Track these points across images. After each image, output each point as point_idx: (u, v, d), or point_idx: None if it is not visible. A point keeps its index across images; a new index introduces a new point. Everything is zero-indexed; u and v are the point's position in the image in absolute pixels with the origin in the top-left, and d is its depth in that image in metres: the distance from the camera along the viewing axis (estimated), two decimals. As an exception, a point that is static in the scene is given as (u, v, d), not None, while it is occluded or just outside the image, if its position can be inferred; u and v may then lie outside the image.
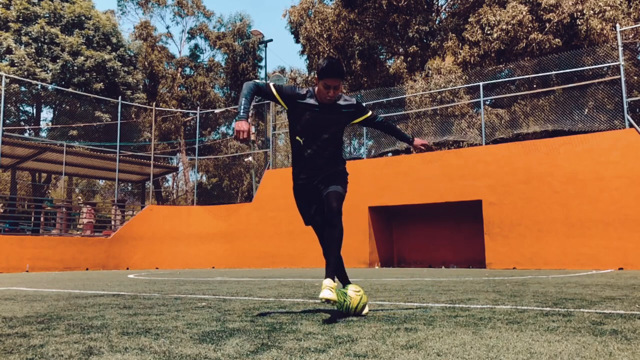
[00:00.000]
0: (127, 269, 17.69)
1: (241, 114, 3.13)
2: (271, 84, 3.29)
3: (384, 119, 3.63)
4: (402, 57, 23.56)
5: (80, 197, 35.42)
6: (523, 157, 13.54)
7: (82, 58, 25.01)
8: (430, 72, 19.78)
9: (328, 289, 2.97)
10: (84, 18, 26.48)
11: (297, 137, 3.33)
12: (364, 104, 3.45)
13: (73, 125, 25.42)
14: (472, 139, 16.11)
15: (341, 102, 3.35)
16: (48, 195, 29.17)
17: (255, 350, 2.13)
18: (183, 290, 5.91)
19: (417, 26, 21.79)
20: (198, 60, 39.54)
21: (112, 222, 21.37)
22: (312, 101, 3.27)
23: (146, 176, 23.42)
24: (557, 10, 18.53)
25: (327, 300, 2.94)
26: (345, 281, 3.50)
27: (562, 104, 14.70)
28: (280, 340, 2.34)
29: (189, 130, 35.68)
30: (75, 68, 24.91)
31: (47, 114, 50.19)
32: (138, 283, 7.80)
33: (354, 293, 3.21)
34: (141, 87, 30.69)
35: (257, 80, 3.22)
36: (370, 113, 3.52)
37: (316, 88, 3.28)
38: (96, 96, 22.66)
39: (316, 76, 3.24)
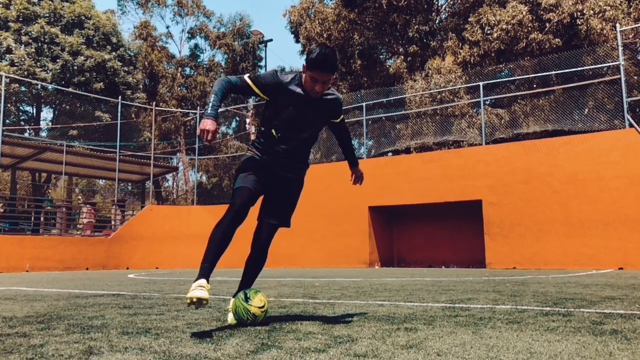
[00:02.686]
0: (127, 268, 17.69)
1: (208, 111, 2.69)
2: (246, 77, 2.84)
3: (348, 130, 3.24)
4: (402, 57, 23.56)
5: (80, 197, 35.42)
6: (523, 157, 13.54)
7: (82, 58, 25.01)
8: (430, 72, 19.78)
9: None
10: (84, 18, 26.47)
11: (273, 131, 2.91)
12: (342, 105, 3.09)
13: (73, 125, 25.42)
14: (472, 139, 16.11)
15: (328, 95, 2.95)
16: (48, 195, 29.17)
17: (255, 350, 2.13)
18: (183, 290, 5.91)
19: (417, 26, 21.79)
20: (198, 60, 39.55)
21: (112, 222, 21.37)
22: (298, 90, 2.83)
23: (146, 176, 23.42)
24: (557, 10, 18.52)
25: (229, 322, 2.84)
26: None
27: (562, 104, 14.70)
28: (280, 340, 2.34)
29: (189, 130, 35.67)
30: (75, 68, 24.90)
31: (47, 113, 50.23)
32: (138, 283, 7.80)
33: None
34: (141, 87, 30.68)
35: (230, 77, 2.89)
36: (342, 117, 3.13)
37: (303, 76, 2.84)
38: (96, 96, 22.66)
39: (304, 63, 2.79)
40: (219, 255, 2.79)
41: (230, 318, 2.92)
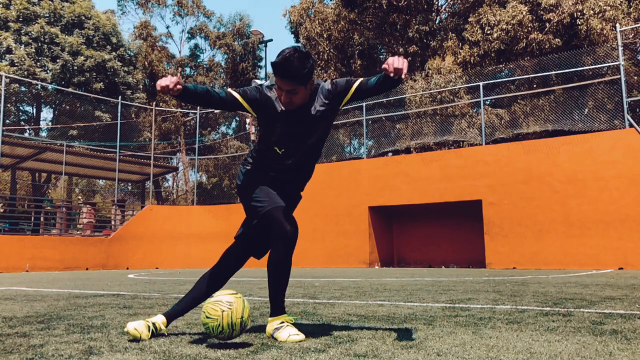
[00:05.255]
0: (127, 268, 17.68)
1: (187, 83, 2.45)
2: (231, 89, 2.53)
3: (376, 80, 2.52)
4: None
5: (80, 197, 35.44)
6: (523, 157, 13.54)
7: (82, 58, 25.01)
8: (430, 72, 19.78)
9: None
10: (84, 18, 26.47)
11: (275, 148, 2.57)
12: (345, 80, 2.57)
13: (73, 125, 25.42)
14: (472, 139, 16.10)
15: (315, 98, 2.52)
16: (48, 195, 29.17)
17: (255, 350, 2.13)
18: (183, 290, 5.91)
19: (417, 26, 21.79)
20: (198, 60, 39.56)
21: (112, 222, 21.37)
22: (279, 106, 2.49)
23: (146, 176, 23.42)
24: (557, 10, 18.53)
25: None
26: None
27: (562, 104, 14.69)
28: (280, 340, 2.34)
29: (189, 130, 35.67)
30: (75, 68, 24.90)
31: (47, 114, 50.19)
32: (138, 283, 7.80)
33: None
34: (141, 87, 30.68)
35: (215, 89, 2.48)
36: (357, 83, 2.53)
37: None
38: (96, 96, 22.66)
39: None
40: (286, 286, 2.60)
41: (138, 329, 2.41)
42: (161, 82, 2.25)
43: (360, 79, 2.56)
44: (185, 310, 2.64)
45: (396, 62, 2.26)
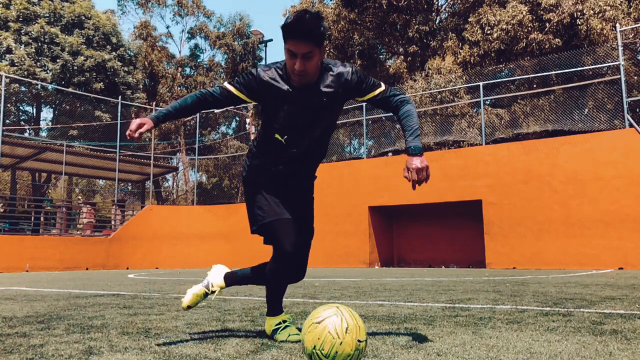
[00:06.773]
0: (127, 268, 17.69)
1: (151, 114, 2.34)
2: (226, 84, 2.35)
3: (400, 101, 2.37)
4: (402, 57, 23.54)
5: (80, 197, 35.46)
6: (523, 157, 13.54)
7: (82, 58, 25.01)
8: (430, 72, 19.77)
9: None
10: (84, 18, 26.48)
11: (277, 135, 2.38)
12: (369, 78, 2.36)
13: (73, 125, 25.42)
14: (472, 139, 16.10)
15: (326, 79, 2.29)
16: (48, 195, 29.18)
17: (255, 350, 2.13)
18: (183, 290, 5.91)
19: (417, 26, 21.79)
20: (198, 60, 39.56)
21: (112, 222, 21.37)
22: (284, 85, 2.27)
23: (146, 176, 23.43)
24: (557, 10, 18.52)
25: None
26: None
27: (562, 104, 14.69)
28: (280, 340, 2.34)
29: (189, 130, 35.68)
30: (75, 68, 24.91)
31: (47, 113, 50.22)
32: (138, 283, 7.80)
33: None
34: (141, 87, 30.69)
35: (206, 89, 2.39)
36: (379, 90, 2.36)
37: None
38: (96, 96, 22.67)
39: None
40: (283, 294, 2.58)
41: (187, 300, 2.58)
42: (127, 133, 2.21)
43: (382, 88, 2.38)
44: (244, 283, 2.62)
45: (420, 174, 2.14)
